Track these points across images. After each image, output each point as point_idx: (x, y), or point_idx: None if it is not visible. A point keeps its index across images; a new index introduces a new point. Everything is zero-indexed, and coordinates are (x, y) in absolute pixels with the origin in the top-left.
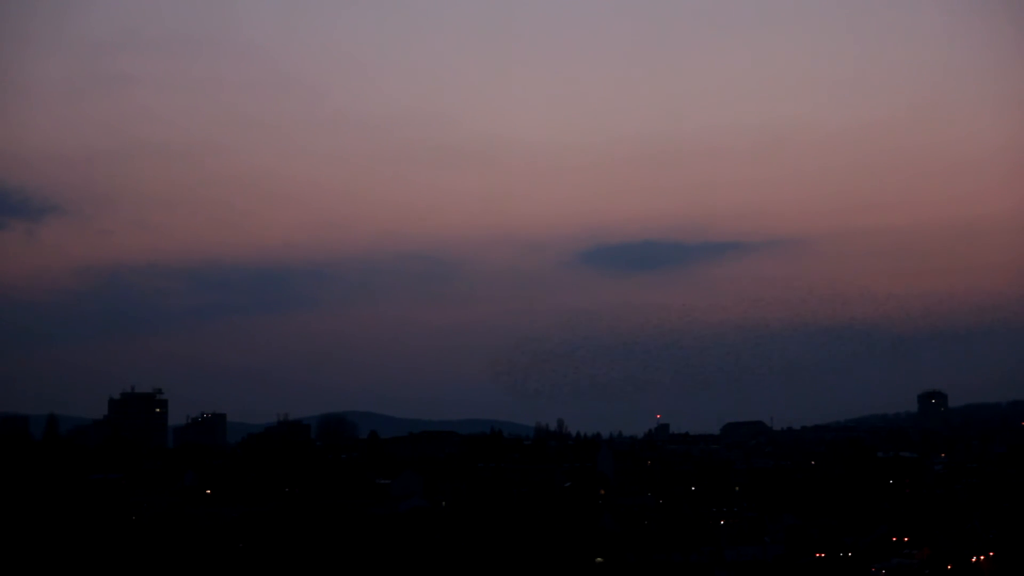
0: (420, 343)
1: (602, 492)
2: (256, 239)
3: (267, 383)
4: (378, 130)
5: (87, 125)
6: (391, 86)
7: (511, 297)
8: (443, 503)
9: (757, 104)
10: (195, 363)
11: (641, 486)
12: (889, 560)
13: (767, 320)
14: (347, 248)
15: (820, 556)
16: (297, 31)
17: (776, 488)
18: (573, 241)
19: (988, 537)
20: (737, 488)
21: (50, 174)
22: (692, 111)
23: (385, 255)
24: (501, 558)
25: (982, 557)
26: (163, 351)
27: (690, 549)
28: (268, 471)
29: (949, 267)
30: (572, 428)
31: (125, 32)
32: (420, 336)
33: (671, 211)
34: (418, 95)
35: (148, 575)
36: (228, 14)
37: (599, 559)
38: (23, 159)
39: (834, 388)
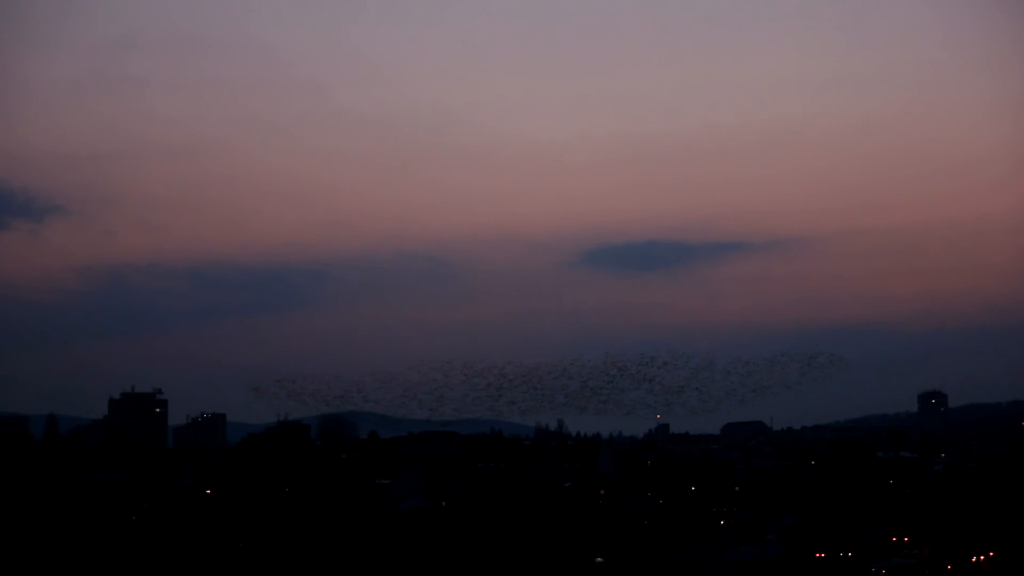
0: (421, 343)
1: (602, 492)
2: (258, 239)
3: (267, 383)
4: (381, 130)
5: (90, 125)
6: (394, 86)
7: (513, 297)
8: (443, 503)
9: (758, 104)
10: (195, 363)
11: (641, 486)
12: (889, 560)
13: (768, 320)
14: (348, 248)
15: (820, 556)
16: (300, 31)
17: (776, 488)
18: (576, 241)
19: (988, 537)
20: (737, 488)
21: (53, 174)
22: (694, 111)
23: (387, 255)
24: (501, 558)
25: (982, 557)
26: (163, 351)
27: (690, 549)
28: (268, 471)
29: (949, 267)
30: (572, 428)
31: (129, 32)
32: (421, 336)
33: (673, 211)
34: (421, 95)
35: (148, 575)
36: (232, 14)
37: (599, 559)
38: (27, 159)
39: (834, 388)
